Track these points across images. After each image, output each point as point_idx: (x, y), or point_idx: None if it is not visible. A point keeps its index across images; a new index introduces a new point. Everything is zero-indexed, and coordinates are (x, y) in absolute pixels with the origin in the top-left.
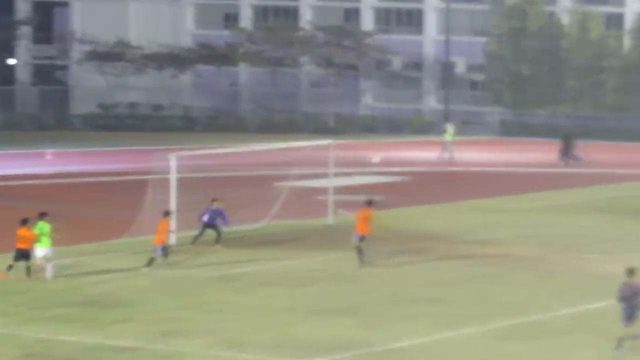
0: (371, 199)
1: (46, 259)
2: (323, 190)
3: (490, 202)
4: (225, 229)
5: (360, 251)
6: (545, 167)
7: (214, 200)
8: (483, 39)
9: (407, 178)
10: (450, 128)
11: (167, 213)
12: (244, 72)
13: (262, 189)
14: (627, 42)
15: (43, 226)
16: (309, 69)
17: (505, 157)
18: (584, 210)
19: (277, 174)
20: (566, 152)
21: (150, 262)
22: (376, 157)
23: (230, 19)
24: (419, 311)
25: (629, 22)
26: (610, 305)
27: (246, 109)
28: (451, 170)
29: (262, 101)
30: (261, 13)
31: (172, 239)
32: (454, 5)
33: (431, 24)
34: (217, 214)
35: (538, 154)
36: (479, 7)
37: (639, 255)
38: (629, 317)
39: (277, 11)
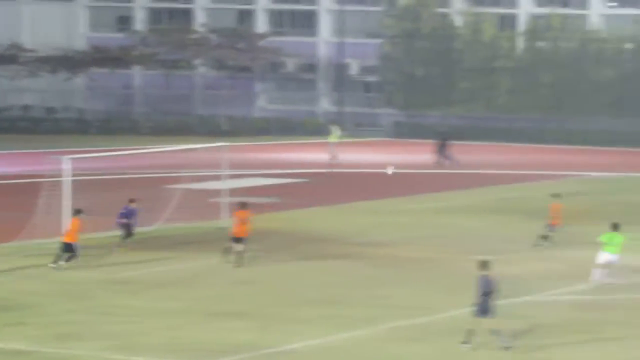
0: (245, 201)
1: None
2: (216, 193)
3: (383, 204)
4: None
5: (227, 251)
6: (437, 168)
7: (131, 200)
8: (376, 41)
9: (301, 180)
10: (335, 130)
11: (77, 212)
12: (137, 74)
13: (156, 191)
14: (519, 43)
15: None
16: (202, 71)
17: (397, 158)
18: (475, 211)
19: (171, 177)
20: (441, 152)
21: (70, 258)
22: (390, 168)
23: (124, 21)
24: (312, 313)
25: (521, 24)
26: (502, 305)
27: (140, 111)
28: (344, 172)
29: (156, 104)
30: (155, 16)
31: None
32: (347, 7)
33: (325, 25)
34: (132, 213)
35: (429, 155)
36: (372, 8)
37: (529, 256)
38: (484, 310)
39: (171, 13)
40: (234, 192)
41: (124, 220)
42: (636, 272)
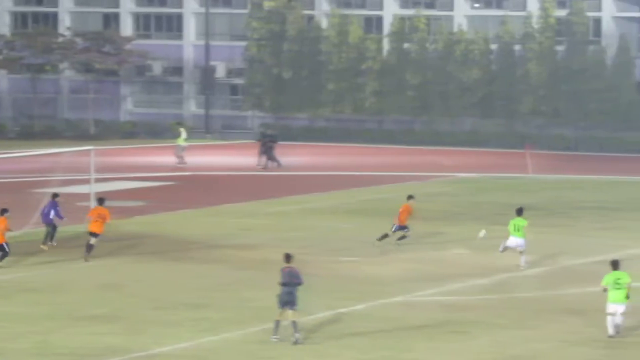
0: (103, 197)
1: None
2: (84, 196)
3: (251, 206)
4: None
5: (90, 248)
6: (305, 170)
7: (55, 195)
8: (243, 44)
9: (169, 183)
10: (182, 132)
11: (3, 211)
12: (3, 78)
13: (22, 195)
14: (385, 45)
15: None
16: (69, 75)
17: (264, 161)
18: (342, 213)
19: (38, 181)
20: (265, 154)
21: (2, 257)
22: (483, 233)
23: None
24: (181, 316)
25: (387, 26)
26: (370, 306)
27: (6, 115)
28: (212, 175)
29: (23, 108)
30: (20, 19)
31: None
32: (213, 10)
33: (191, 28)
34: (54, 207)
35: (299, 157)
36: (238, 11)
37: (394, 257)
38: (287, 302)
39: (36, 17)
40: (101, 195)
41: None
42: (503, 271)
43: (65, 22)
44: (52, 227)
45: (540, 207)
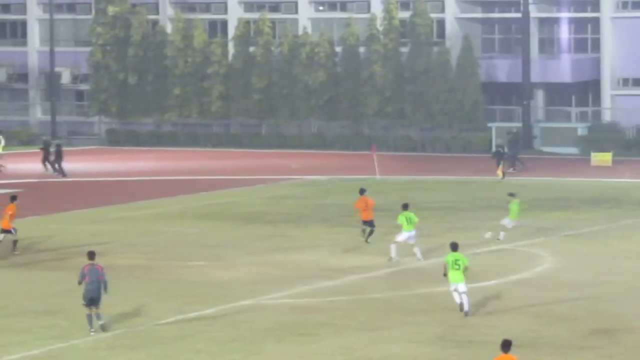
0: (15, 194)
1: None
2: None
3: (96, 212)
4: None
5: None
6: (153, 175)
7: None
8: (87, 49)
9: (16, 190)
10: (1, 140)
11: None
12: None
13: None
14: (231, 49)
15: None
16: None
17: (112, 166)
18: (190, 217)
19: None
20: (48, 160)
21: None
22: (489, 234)
23: None
24: (30, 323)
25: (232, 30)
26: (220, 310)
27: None
28: (60, 181)
29: None
30: None
31: None
32: (58, 16)
33: (35, 34)
34: None
35: (145, 162)
36: (82, 17)
37: (242, 261)
38: (93, 300)
39: None
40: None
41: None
42: (345, 272)
43: None
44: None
45: (387, 209)
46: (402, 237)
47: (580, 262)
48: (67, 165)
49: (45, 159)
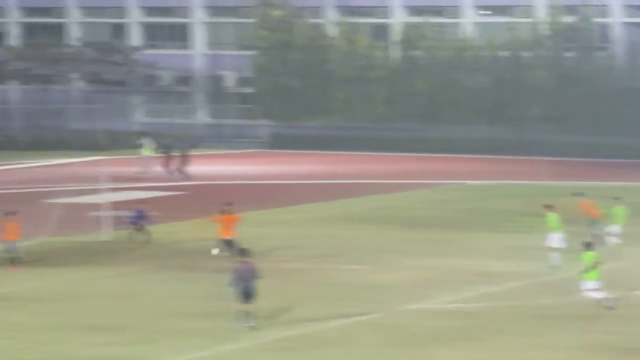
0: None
1: None
2: (95, 206)
3: (262, 215)
4: None
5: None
6: (316, 178)
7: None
8: (251, 53)
9: (180, 192)
10: (148, 143)
11: (11, 213)
12: (13, 89)
13: (34, 206)
14: (394, 52)
15: None
16: (78, 85)
17: (275, 169)
18: (352, 221)
19: (49, 191)
20: (169, 164)
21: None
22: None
23: None
24: (195, 326)
25: (395, 33)
26: (381, 314)
27: (16, 126)
28: (223, 184)
29: (33, 118)
30: (29, 30)
31: None
32: (221, 20)
33: (198, 38)
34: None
35: (308, 166)
36: (245, 20)
37: (405, 265)
38: (247, 296)
39: (46, 28)
40: (113, 205)
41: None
42: (508, 278)
43: (74, 33)
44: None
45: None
46: (553, 241)
47: None
48: (228, 168)
49: (167, 163)
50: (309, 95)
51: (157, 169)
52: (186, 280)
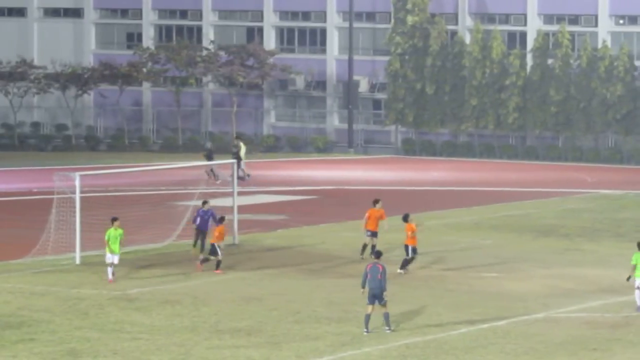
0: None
1: None
2: (227, 210)
3: (390, 221)
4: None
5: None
6: (448, 185)
7: (205, 202)
8: (385, 58)
9: (310, 197)
10: (242, 145)
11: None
12: (147, 91)
13: (166, 208)
14: (528, 60)
15: None
16: (211, 88)
17: (407, 175)
18: (484, 228)
19: (180, 193)
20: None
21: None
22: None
23: (133, 38)
24: (322, 330)
25: (530, 41)
26: (511, 322)
27: (149, 128)
28: (354, 189)
29: (166, 121)
30: (164, 32)
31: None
32: (357, 25)
33: (334, 42)
34: (210, 215)
35: (440, 172)
36: (381, 26)
37: (536, 273)
38: (376, 297)
39: (180, 30)
40: (243, 209)
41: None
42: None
43: (209, 36)
44: (203, 236)
45: None
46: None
47: None
48: (360, 173)
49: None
50: (441, 102)
51: (224, 173)
52: (317, 285)
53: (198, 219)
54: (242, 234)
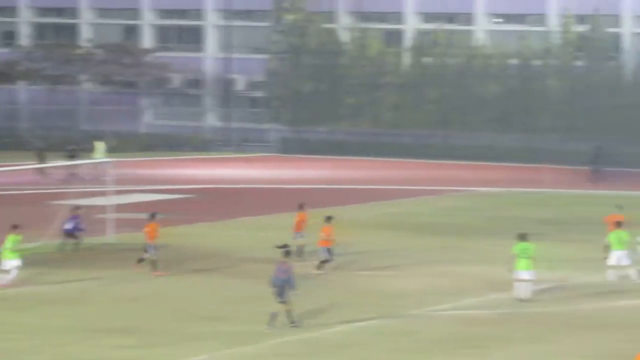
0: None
1: None
2: (103, 209)
3: (271, 219)
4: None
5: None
6: (324, 183)
7: (76, 208)
8: (263, 57)
9: (187, 195)
10: (99, 146)
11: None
12: (22, 90)
13: (40, 207)
14: (405, 59)
15: None
16: (88, 87)
17: (284, 173)
18: (360, 226)
19: (56, 192)
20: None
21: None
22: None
23: (9, 36)
24: (202, 329)
25: (407, 39)
26: (388, 320)
27: (25, 127)
28: (231, 188)
29: (41, 119)
30: (40, 31)
31: None
32: (234, 23)
33: (211, 41)
34: (76, 221)
35: (316, 171)
36: (258, 24)
37: (412, 272)
38: (281, 294)
39: (57, 29)
40: (120, 208)
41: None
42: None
43: (85, 34)
44: (73, 239)
45: (559, 222)
46: (613, 259)
47: None
48: (238, 172)
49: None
50: (319, 100)
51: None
52: (196, 284)
53: (68, 223)
54: (120, 233)
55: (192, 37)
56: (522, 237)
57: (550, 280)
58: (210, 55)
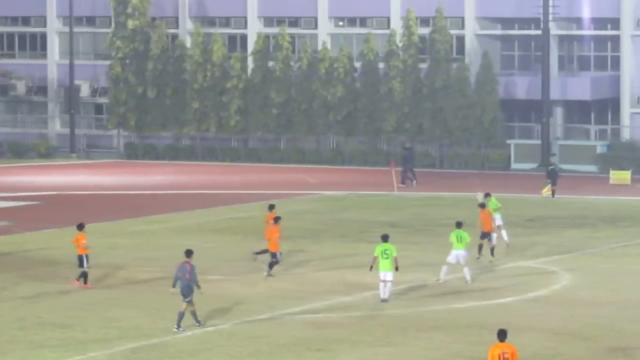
0: None
1: None
2: None
3: (114, 225)
4: None
5: None
6: (171, 188)
7: None
8: (106, 62)
9: (32, 202)
10: None
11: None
12: None
13: None
14: (250, 63)
15: None
16: None
17: (130, 179)
18: (207, 231)
19: None
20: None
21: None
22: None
23: None
24: (47, 336)
25: (251, 44)
26: (236, 324)
27: None
28: (77, 194)
29: None
30: None
31: None
32: (77, 29)
33: (54, 47)
34: None
35: (162, 176)
36: (101, 30)
37: (259, 276)
38: (186, 294)
39: None
40: None
41: None
42: (362, 288)
43: None
44: None
45: (404, 225)
46: (452, 257)
47: (598, 280)
48: (83, 178)
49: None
50: (163, 106)
51: None
52: (41, 291)
53: None
54: None
55: (35, 44)
56: (384, 238)
57: (404, 281)
58: (53, 61)
